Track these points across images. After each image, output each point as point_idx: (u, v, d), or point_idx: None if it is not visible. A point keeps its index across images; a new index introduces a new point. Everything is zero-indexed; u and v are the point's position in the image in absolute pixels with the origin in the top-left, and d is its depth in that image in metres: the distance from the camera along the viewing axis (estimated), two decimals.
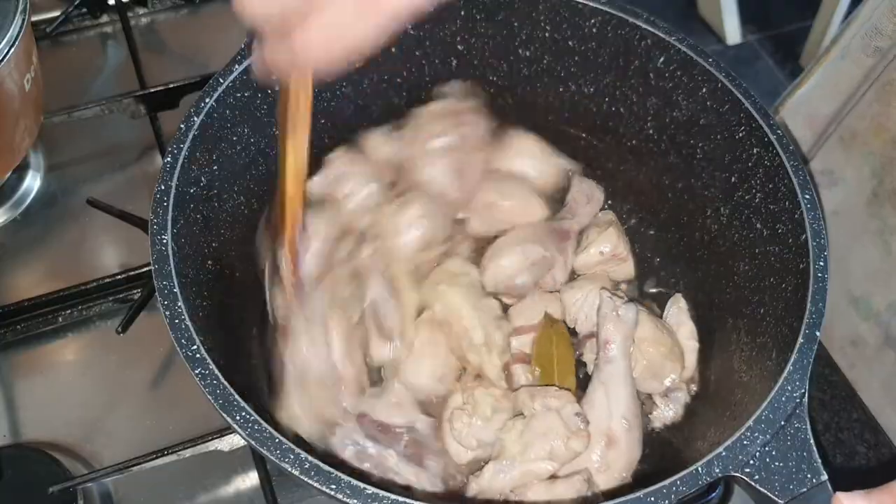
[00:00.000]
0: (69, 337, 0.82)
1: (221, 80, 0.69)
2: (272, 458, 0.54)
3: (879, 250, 0.81)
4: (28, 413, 0.77)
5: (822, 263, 0.63)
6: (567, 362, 0.74)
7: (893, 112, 0.78)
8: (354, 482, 0.52)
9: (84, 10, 1.05)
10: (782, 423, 0.57)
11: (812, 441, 0.57)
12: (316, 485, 0.53)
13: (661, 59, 0.76)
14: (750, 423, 0.57)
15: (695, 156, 0.78)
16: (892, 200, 0.79)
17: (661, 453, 0.73)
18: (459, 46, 0.81)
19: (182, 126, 0.67)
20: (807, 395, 0.58)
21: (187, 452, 0.70)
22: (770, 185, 0.70)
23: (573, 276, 0.82)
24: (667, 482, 0.54)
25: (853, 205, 0.83)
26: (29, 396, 0.78)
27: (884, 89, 0.79)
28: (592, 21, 0.77)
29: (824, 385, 0.83)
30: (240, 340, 0.72)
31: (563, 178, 0.86)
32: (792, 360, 0.60)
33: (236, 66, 0.70)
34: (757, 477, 0.55)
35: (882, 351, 0.83)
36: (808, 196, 0.66)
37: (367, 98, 0.82)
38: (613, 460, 0.68)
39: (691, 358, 0.75)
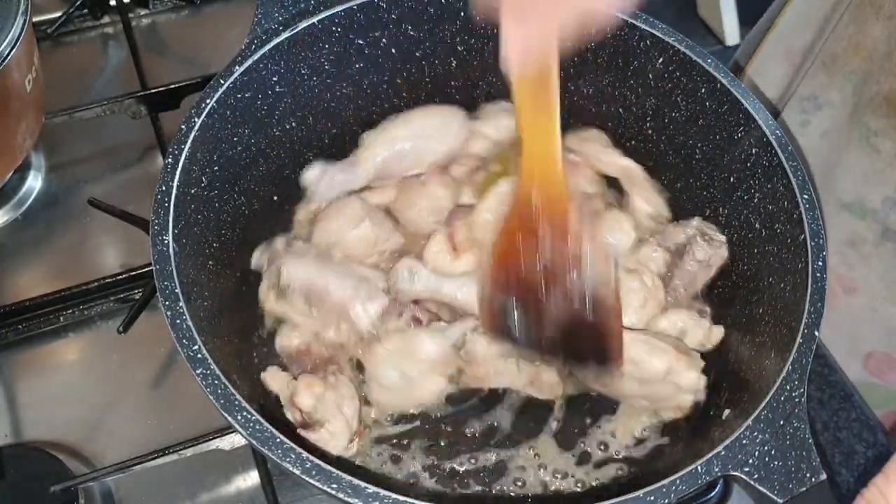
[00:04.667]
0: (70, 337, 0.82)
1: (222, 81, 0.69)
2: (273, 457, 0.54)
3: (868, 154, 0.83)
4: (29, 412, 0.77)
5: (820, 263, 0.64)
6: None
7: (868, 29, 0.81)
8: (355, 481, 0.53)
9: (85, 10, 1.06)
10: (781, 422, 0.57)
11: (811, 440, 0.57)
12: (317, 484, 0.53)
13: (661, 60, 0.76)
14: (749, 422, 0.57)
15: (693, 156, 0.78)
16: (871, 106, 0.81)
17: (660, 452, 0.73)
18: (459, 47, 0.81)
19: (183, 126, 0.67)
20: (805, 394, 0.58)
21: (188, 452, 0.70)
22: (769, 186, 0.70)
23: None
24: (666, 481, 0.54)
25: (838, 123, 0.86)
26: (30, 396, 0.78)
27: (857, 10, 0.83)
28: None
29: (823, 384, 0.83)
30: (241, 339, 0.73)
31: None
32: (790, 359, 0.60)
33: (237, 67, 0.70)
34: (756, 476, 0.56)
35: (880, 245, 0.85)
36: (806, 196, 0.67)
37: (367, 98, 0.82)
38: None
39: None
